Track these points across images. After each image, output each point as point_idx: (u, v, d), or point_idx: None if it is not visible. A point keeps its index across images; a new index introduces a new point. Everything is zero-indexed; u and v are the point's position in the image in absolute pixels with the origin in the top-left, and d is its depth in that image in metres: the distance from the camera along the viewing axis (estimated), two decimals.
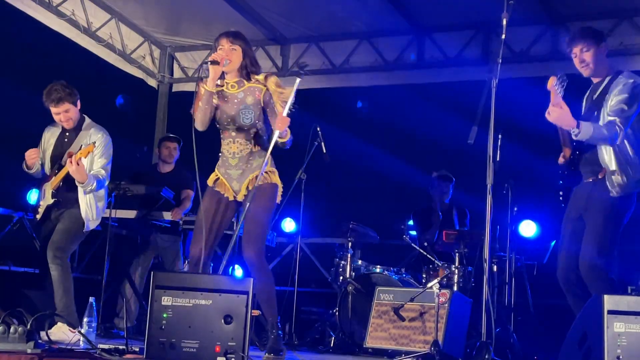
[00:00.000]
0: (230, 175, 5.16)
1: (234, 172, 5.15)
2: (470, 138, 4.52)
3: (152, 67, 10.18)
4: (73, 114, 6.18)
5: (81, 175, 5.92)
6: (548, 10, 8.24)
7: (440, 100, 10.17)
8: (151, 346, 3.93)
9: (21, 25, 8.82)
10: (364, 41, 9.35)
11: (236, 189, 5.15)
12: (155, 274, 4.07)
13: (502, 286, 7.19)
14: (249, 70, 5.20)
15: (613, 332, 3.79)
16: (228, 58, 5.07)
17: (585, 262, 4.86)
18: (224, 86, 5.19)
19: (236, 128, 5.14)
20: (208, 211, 5.15)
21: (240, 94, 5.17)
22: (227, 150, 5.19)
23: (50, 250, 5.97)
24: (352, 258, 7.10)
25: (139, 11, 9.29)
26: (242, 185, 5.13)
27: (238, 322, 3.93)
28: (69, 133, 6.24)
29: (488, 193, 4.53)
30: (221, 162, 5.23)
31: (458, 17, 8.67)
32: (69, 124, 6.19)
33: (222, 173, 5.20)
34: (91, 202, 6.13)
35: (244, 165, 5.14)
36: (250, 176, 5.12)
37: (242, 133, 5.15)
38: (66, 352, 4.03)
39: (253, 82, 5.21)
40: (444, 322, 5.59)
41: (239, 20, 8.88)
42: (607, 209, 4.89)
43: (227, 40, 5.17)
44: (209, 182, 5.25)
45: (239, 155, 5.15)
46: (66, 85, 6.14)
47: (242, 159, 5.15)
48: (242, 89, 5.18)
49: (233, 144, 5.17)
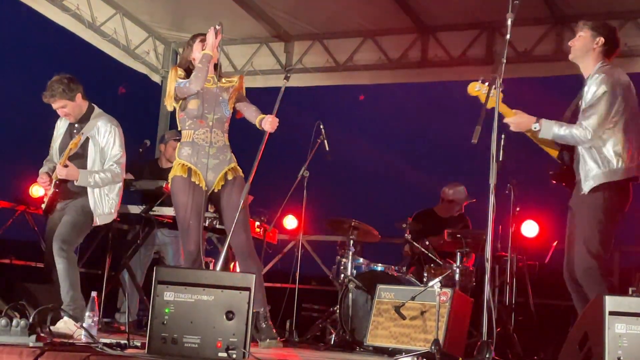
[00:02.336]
0: (205, 165, 5.20)
1: (211, 161, 5.22)
2: (474, 138, 4.51)
3: (156, 63, 10.20)
4: (71, 110, 6.11)
5: (71, 175, 5.92)
6: (552, 10, 8.25)
7: (444, 99, 10.19)
8: (153, 341, 3.93)
9: (26, 19, 8.84)
10: (368, 39, 9.35)
11: (210, 179, 5.22)
12: (157, 269, 4.07)
13: (503, 286, 7.19)
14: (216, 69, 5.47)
15: (614, 333, 3.78)
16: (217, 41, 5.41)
17: (577, 266, 4.88)
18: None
19: (217, 118, 5.32)
20: (190, 207, 5.20)
21: (214, 89, 5.42)
22: (202, 139, 5.29)
23: (56, 242, 5.86)
24: (354, 256, 7.10)
25: (144, 6, 9.30)
26: (217, 176, 5.23)
27: (240, 318, 3.93)
28: (77, 125, 6.21)
29: (491, 192, 4.53)
30: (192, 152, 5.30)
31: (462, 17, 8.68)
32: (70, 119, 6.16)
33: (193, 162, 5.26)
34: (101, 195, 6.07)
35: (220, 156, 5.27)
36: (226, 168, 5.28)
37: (219, 124, 5.35)
38: (68, 347, 4.03)
39: (225, 83, 5.51)
40: (444, 321, 5.58)
41: (244, 16, 8.89)
42: (586, 207, 4.90)
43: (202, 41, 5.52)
44: (179, 172, 5.28)
45: (216, 144, 5.28)
46: (64, 80, 6.05)
47: (219, 149, 5.29)
48: (215, 85, 5.45)
49: (210, 133, 5.28)
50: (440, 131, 9.64)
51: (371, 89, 10.36)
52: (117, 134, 6.15)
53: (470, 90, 4.92)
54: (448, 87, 9.45)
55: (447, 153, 9.66)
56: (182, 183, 5.25)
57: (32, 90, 6.60)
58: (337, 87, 10.15)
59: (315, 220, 9.25)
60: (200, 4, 8.96)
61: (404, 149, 10.29)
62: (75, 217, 6.00)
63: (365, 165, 10.78)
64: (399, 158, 10.00)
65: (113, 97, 11.08)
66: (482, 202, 4.85)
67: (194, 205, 5.21)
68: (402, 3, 8.48)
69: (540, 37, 8.55)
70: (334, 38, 9.50)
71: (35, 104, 6.37)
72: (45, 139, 6.47)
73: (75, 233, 5.99)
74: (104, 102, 6.35)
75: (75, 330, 4.79)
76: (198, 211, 5.22)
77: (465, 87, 5.12)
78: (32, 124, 6.56)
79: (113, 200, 6.15)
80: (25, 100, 8.92)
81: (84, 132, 6.05)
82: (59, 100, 6.06)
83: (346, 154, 9.36)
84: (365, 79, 9.79)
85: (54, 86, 6.04)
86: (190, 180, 5.24)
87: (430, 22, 8.92)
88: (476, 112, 4.64)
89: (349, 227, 7.21)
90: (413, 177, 9.37)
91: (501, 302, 7.05)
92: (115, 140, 6.13)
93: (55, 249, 5.85)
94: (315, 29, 9.40)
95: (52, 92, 6.04)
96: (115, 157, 6.10)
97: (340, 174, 10.88)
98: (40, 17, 8.47)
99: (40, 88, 6.10)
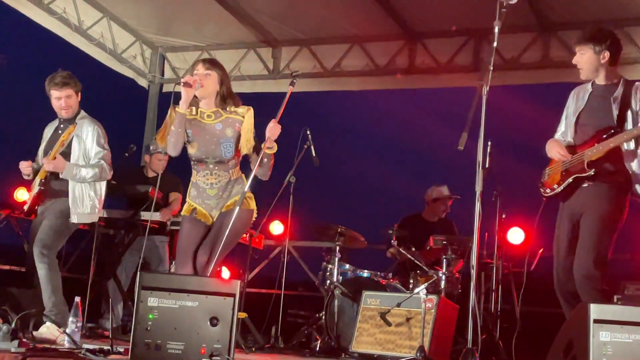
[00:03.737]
0: (209, 205, 5.09)
1: (213, 201, 5.08)
2: (460, 144, 4.52)
3: (143, 67, 10.17)
4: (73, 102, 6.15)
5: (58, 167, 5.89)
6: (539, 18, 8.28)
7: (431, 106, 10.21)
8: (136, 347, 3.91)
9: (11, 22, 8.80)
10: (356, 45, 9.35)
11: (215, 215, 5.09)
12: (141, 275, 4.05)
13: (488, 293, 7.19)
14: (226, 100, 5.09)
15: (599, 341, 3.78)
16: (200, 83, 4.99)
17: (579, 273, 4.88)
18: (197, 115, 5.09)
19: (216, 162, 5.04)
20: (191, 236, 5.05)
21: (218, 125, 5.06)
22: (203, 181, 5.08)
23: (36, 247, 5.86)
24: (340, 262, 7.09)
25: (131, 10, 9.27)
26: (220, 210, 5.08)
27: (224, 324, 3.92)
28: (63, 125, 6.18)
29: (477, 200, 4.53)
30: (196, 194, 5.12)
31: (450, 24, 8.70)
32: (68, 112, 6.14)
33: (198, 203, 5.11)
34: (82, 193, 6.05)
35: (223, 194, 5.07)
36: (229, 202, 5.06)
37: (221, 165, 5.06)
38: (50, 352, 4.01)
39: (231, 113, 5.09)
40: (430, 328, 5.58)
41: (231, 22, 8.88)
42: (604, 218, 4.90)
43: (203, 65, 5.11)
44: (185, 212, 5.15)
45: (217, 185, 5.05)
46: (71, 74, 6.14)
47: (220, 189, 5.06)
48: (219, 119, 5.07)
49: (211, 175, 5.05)
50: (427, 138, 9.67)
51: (358, 95, 10.37)
52: (100, 133, 6.18)
53: None
54: (435, 93, 9.47)
55: (434, 159, 9.68)
56: (188, 218, 5.14)
57: (18, 94, 6.57)
58: (325, 93, 10.14)
59: (302, 226, 9.24)
60: (188, 9, 8.95)
61: (391, 155, 10.31)
62: (54, 221, 5.99)
63: (352, 171, 10.79)
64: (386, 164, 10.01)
65: (100, 101, 11.05)
66: (467, 209, 4.85)
67: (194, 233, 5.08)
68: (389, 10, 8.49)
69: (528, 45, 8.58)
70: (322, 44, 9.50)
71: (21, 107, 6.35)
72: (31, 142, 6.45)
73: (56, 237, 5.97)
74: (91, 106, 6.33)
75: (58, 335, 4.76)
76: (197, 242, 5.09)
77: (452, 94, 5.12)
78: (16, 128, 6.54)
79: (93, 200, 6.11)
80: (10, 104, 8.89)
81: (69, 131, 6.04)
82: (69, 88, 6.09)
83: (333, 160, 9.37)
84: (353, 85, 9.80)
85: (65, 75, 6.09)
86: (194, 217, 5.12)
87: (418, 28, 8.93)
88: (463, 119, 4.64)
89: (335, 233, 7.20)
90: (399, 184, 9.39)
91: (487, 309, 7.05)
92: (98, 139, 6.15)
93: (36, 254, 5.82)
94: (303, 35, 9.40)
95: (64, 79, 6.06)
96: (100, 154, 6.10)
97: (327, 180, 10.88)
98: (26, 20, 8.43)
99: (26, 92, 6.08)
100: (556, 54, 8.53)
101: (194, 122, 5.07)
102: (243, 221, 5.03)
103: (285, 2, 8.71)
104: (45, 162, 5.88)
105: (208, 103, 5.09)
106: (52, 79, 6.08)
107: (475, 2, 7.91)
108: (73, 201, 6.00)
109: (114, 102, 11.58)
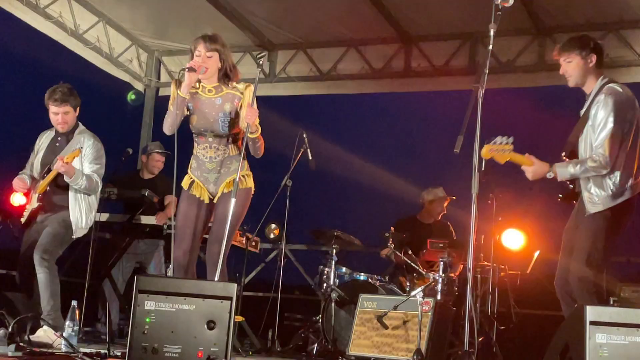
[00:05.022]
0: (207, 179, 5.19)
1: (211, 175, 5.17)
2: (456, 147, 4.53)
3: (139, 71, 10.17)
4: (70, 118, 6.17)
5: (69, 172, 5.91)
6: (535, 21, 8.30)
7: (427, 109, 10.22)
8: (133, 351, 3.91)
9: (7, 26, 8.80)
10: (352, 49, 9.36)
11: (212, 191, 5.18)
12: (138, 278, 4.05)
13: (485, 295, 7.20)
14: (228, 75, 5.21)
15: (595, 343, 3.79)
16: (205, 66, 5.09)
17: (573, 276, 4.88)
18: (199, 89, 5.20)
19: (214, 135, 5.16)
20: (188, 216, 5.16)
21: (218, 100, 5.19)
22: (202, 154, 5.20)
23: (37, 253, 5.89)
24: (336, 265, 7.09)
25: (127, 14, 9.28)
26: (218, 188, 5.16)
27: (221, 327, 3.92)
28: (61, 138, 6.22)
29: (473, 202, 4.54)
30: (196, 165, 5.24)
31: (445, 27, 8.72)
32: (64, 127, 6.16)
33: (197, 176, 5.21)
34: (82, 209, 6.10)
35: (222, 169, 5.17)
36: (227, 179, 5.15)
37: (219, 139, 5.17)
38: (48, 356, 4.01)
39: (231, 89, 5.22)
40: (426, 331, 5.59)
41: (227, 25, 8.88)
42: (590, 222, 4.89)
43: (204, 45, 5.17)
44: (184, 185, 5.26)
45: (215, 159, 5.17)
46: (72, 89, 6.14)
47: (219, 163, 5.17)
48: (220, 94, 5.20)
49: (210, 149, 5.18)
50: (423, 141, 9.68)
51: (354, 99, 10.38)
52: (99, 149, 6.22)
53: (485, 154, 4.82)
54: (431, 96, 9.48)
55: (430, 163, 9.70)
56: (183, 194, 5.23)
57: (13, 99, 6.57)
58: (321, 96, 10.15)
59: (298, 229, 9.25)
60: (184, 13, 8.95)
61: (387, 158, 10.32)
62: (57, 229, 6.04)
63: (348, 174, 10.79)
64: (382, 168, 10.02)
65: (96, 105, 11.06)
66: (464, 212, 4.86)
67: (191, 214, 5.18)
68: (385, 13, 8.50)
69: (523, 48, 8.60)
70: (318, 47, 9.50)
71: (16, 113, 6.35)
72: (27, 148, 6.45)
73: (57, 244, 6.04)
74: (87, 111, 6.34)
75: (55, 339, 4.76)
76: (194, 221, 5.19)
77: (448, 97, 5.14)
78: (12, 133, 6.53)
79: (88, 215, 6.21)
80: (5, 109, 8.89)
81: (69, 146, 6.08)
82: (68, 105, 6.09)
83: (329, 163, 9.36)
84: (349, 88, 9.80)
85: (65, 91, 6.09)
86: (190, 194, 5.21)
87: (414, 32, 8.94)
88: (459, 122, 4.65)
89: (332, 236, 7.21)
90: (396, 187, 9.38)
91: (483, 312, 7.06)
92: (97, 154, 6.19)
93: (37, 259, 5.86)
94: (299, 38, 9.41)
95: (63, 96, 6.06)
96: (93, 169, 6.13)
97: (323, 183, 10.88)
98: (22, 25, 8.43)
99: (22, 96, 6.08)
100: (551, 57, 8.48)
101: (195, 96, 5.20)
102: (242, 202, 5.17)
103: (281, 6, 8.72)
104: (59, 162, 5.88)
105: (210, 78, 5.21)
106: (52, 93, 6.08)
107: (470, 6, 7.93)
108: (74, 216, 6.07)
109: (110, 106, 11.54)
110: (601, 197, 4.85)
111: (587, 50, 5.05)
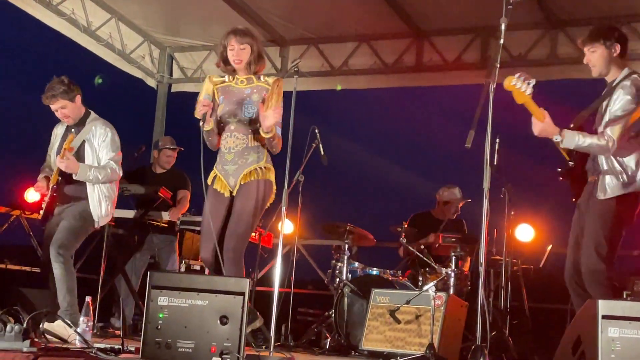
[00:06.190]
0: (227, 171, 5.17)
1: (230, 167, 5.16)
2: (468, 142, 4.52)
3: (152, 67, 10.20)
4: (70, 111, 6.09)
5: (71, 168, 5.90)
6: (547, 14, 8.27)
7: (439, 103, 10.20)
8: (147, 346, 3.93)
9: (21, 23, 8.84)
10: (363, 44, 9.36)
11: (232, 184, 5.15)
12: (152, 274, 4.07)
13: (497, 290, 7.19)
14: (253, 65, 5.24)
15: (607, 337, 3.78)
16: (208, 107, 5.07)
17: (584, 266, 4.87)
18: (232, 81, 5.24)
19: (237, 121, 5.15)
20: (212, 215, 5.13)
21: (247, 90, 5.21)
22: (224, 145, 5.20)
23: (53, 247, 5.85)
24: (349, 260, 7.10)
25: (139, 11, 9.31)
26: (237, 181, 5.13)
27: (234, 322, 3.93)
28: (74, 128, 6.19)
29: (485, 197, 4.53)
30: (219, 159, 5.25)
31: (457, 21, 8.70)
32: (68, 121, 6.14)
33: (219, 170, 5.21)
34: (100, 197, 6.07)
35: (239, 160, 5.14)
36: (245, 171, 5.13)
37: (241, 126, 5.16)
38: (62, 351, 4.03)
39: (262, 82, 5.25)
40: (439, 325, 5.59)
41: (239, 21, 8.88)
42: (599, 213, 4.89)
43: (236, 39, 5.20)
44: (208, 181, 5.25)
45: (234, 150, 5.14)
46: (64, 81, 6.04)
47: (237, 154, 5.14)
48: (250, 85, 5.23)
49: (230, 138, 5.16)
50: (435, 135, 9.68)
51: (366, 94, 10.37)
52: (112, 136, 6.15)
53: (507, 84, 4.79)
54: (443, 91, 9.46)
55: (442, 157, 9.68)
56: (209, 191, 5.22)
57: (28, 95, 6.60)
58: (333, 91, 10.16)
59: (311, 224, 9.25)
60: (196, 9, 8.98)
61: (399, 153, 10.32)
62: (73, 223, 5.99)
63: (360, 169, 10.79)
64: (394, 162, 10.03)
65: (108, 101, 11.11)
66: (477, 206, 4.86)
67: (214, 211, 5.16)
68: (397, 8, 8.49)
69: (535, 42, 8.58)
70: (330, 42, 9.51)
71: (31, 108, 6.38)
72: (41, 143, 6.46)
73: (73, 238, 5.99)
74: (99, 106, 6.34)
75: (70, 334, 4.78)
76: (217, 219, 5.16)
77: (460, 91, 5.12)
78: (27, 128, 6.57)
79: (109, 203, 6.15)
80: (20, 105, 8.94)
81: (80, 135, 6.05)
82: (60, 100, 6.03)
83: (341, 158, 9.36)
84: (361, 83, 9.81)
85: (55, 86, 6.02)
86: (213, 188, 5.20)
87: (425, 26, 8.93)
88: (470, 116, 4.65)
89: (344, 231, 7.21)
90: (408, 181, 9.38)
91: (496, 306, 7.05)
92: (111, 141, 6.12)
93: (53, 254, 5.84)
94: (311, 34, 9.41)
95: (52, 92, 6.01)
96: (110, 156, 6.09)
97: (335, 178, 10.86)
98: (35, 22, 8.47)
99: (36, 92, 6.09)
100: (563, 50, 8.52)
101: (227, 88, 5.25)
102: (261, 195, 5.15)
103: (293, 1, 8.73)
104: (58, 160, 5.89)
105: (242, 70, 5.25)
106: (45, 91, 6.03)
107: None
108: (94, 207, 6.03)
109: (123, 103, 11.59)
110: (612, 186, 4.86)
111: (612, 40, 5.03)
